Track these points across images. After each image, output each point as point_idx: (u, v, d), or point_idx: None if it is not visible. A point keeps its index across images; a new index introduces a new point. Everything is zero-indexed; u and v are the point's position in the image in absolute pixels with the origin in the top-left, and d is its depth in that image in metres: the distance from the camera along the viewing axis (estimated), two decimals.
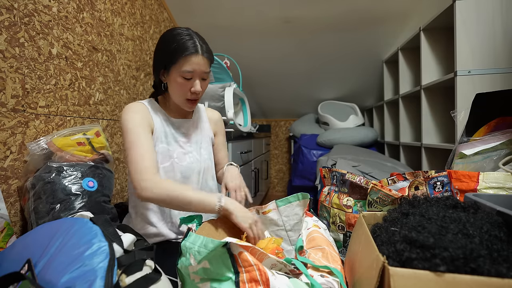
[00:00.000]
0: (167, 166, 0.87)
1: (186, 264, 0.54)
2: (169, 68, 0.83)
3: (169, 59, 0.81)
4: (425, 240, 0.46)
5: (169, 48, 0.81)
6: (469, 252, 0.43)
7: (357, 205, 0.93)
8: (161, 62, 0.85)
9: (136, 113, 0.83)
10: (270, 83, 2.70)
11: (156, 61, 0.87)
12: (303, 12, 1.86)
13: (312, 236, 0.69)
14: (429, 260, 0.44)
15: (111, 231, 0.54)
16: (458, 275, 0.41)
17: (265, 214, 0.88)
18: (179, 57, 0.80)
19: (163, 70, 0.85)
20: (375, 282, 0.45)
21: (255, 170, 2.15)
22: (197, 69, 0.82)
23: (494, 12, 1.21)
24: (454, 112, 1.17)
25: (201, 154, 0.95)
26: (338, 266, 0.61)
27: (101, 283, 0.42)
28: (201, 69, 0.83)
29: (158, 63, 0.86)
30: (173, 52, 0.80)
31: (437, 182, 0.83)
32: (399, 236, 0.51)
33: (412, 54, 1.95)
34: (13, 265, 0.51)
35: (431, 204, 0.63)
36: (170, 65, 0.82)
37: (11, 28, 0.82)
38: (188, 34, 0.82)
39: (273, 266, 0.56)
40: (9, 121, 0.82)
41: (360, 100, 2.85)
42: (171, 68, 0.82)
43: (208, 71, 0.86)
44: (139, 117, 0.83)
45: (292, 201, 0.87)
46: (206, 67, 0.84)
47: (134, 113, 0.83)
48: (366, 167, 1.55)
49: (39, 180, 0.84)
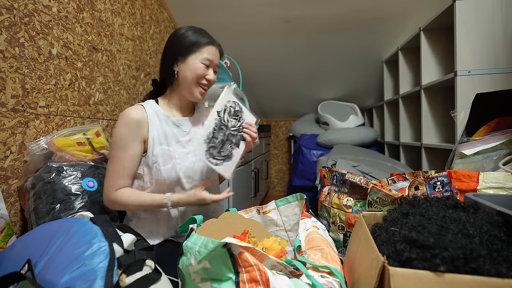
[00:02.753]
0: (169, 168, 0.87)
1: (187, 264, 0.54)
2: (188, 55, 0.89)
3: (191, 45, 0.89)
4: (425, 240, 0.46)
5: (191, 36, 0.89)
6: (469, 252, 0.43)
7: (357, 205, 0.93)
8: (180, 49, 0.90)
9: (125, 127, 0.85)
10: (270, 83, 2.70)
11: (172, 50, 0.92)
12: (303, 12, 1.86)
13: (311, 237, 0.69)
14: (429, 260, 0.44)
15: (111, 231, 0.54)
16: (458, 275, 0.41)
17: (266, 214, 0.88)
18: (201, 44, 0.89)
19: (181, 57, 0.90)
20: (375, 282, 0.45)
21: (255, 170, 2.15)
22: (215, 59, 0.92)
23: (494, 12, 1.21)
24: (454, 112, 1.17)
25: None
26: (337, 266, 0.61)
27: (101, 283, 0.42)
28: (216, 61, 0.93)
29: (175, 51, 0.91)
30: (196, 40, 0.89)
31: (437, 182, 0.83)
32: (399, 236, 0.51)
33: (412, 54, 1.96)
34: (13, 265, 0.51)
35: (431, 204, 0.63)
36: (192, 51, 0.89)
37: (11, 28, 0.82)
38: (202, 29, 0.94)
39: (273, 267, 0.56)
40: (9, 121, 0.82)
41: (360, 100, 2.85)
42: (192, 54, 0.89)
43: (219, 66, 0.95)
44: (126, 131, 0.84)
45: (292, 201, 0.87)
46: (218, 61, 0.94)
47: (122, 127, 0.85)
48: (366, 167, 1.55)
49: (39, 180, 0.84)
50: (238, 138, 0.89)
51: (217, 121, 0.84)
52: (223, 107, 0.85)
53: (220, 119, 0.85)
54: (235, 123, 0.88)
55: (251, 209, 0.90)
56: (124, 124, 0.85)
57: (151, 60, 1.71)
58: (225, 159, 0.86)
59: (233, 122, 0.88)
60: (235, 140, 0.89)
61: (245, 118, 0.91)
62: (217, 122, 0.84)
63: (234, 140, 0.88)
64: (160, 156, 0.87)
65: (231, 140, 0.88)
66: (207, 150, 0.83)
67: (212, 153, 0.84)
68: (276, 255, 0.64)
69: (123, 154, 0.84)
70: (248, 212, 0.89)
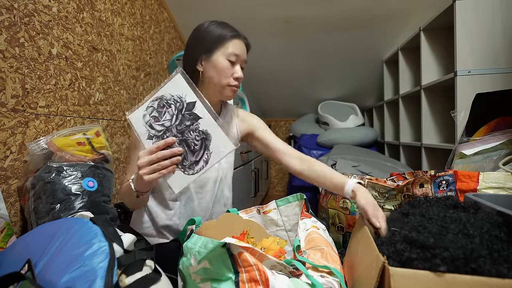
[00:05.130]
0: None
1: (187, 264, 0.54)
2: (212, 52, 0.81)
3: (215, 41, 0.80)
4: (425, 240, 0.46)
5: (214, 31, 0.81)
6: (470, 252, 0.43)
7: (353, 206, 0.93)
8: (203, 46, 0.82)
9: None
10: (270, 83, 2.70)
11: (194, 48, 0.83)
12: (303, 12, 1.86)
13: (311, 237, 0.69)
14: (430, 260, 0.44)
15: (111, 231, 0.54)
16: (458, 275, 0.41)
17: (266, 214, 0.88)
18: (226, 38, 0.80)
19: (204, 56, 0.82)
20: (375, 282, 0.45)
21: (255, 170, 2.15)
22: (242, 54, 0.83)
23: (494, 12, 1.21)
24: (454, 112, 1.17)
25: (219, 162, 0.83)
26: (337, 266, 0.61)
27: (101, 283, 0.42)
28: (244, 56, 0.84)
29: (198, 49, 0.82)
30: (220, 34, 0.80)
31: (443, 181, 0.83)
32: (399, 236, 0.51)
33: (412, 54, 1.95)
34: (13, 265, 0.51)
35: (431, 204, 0.63)
36: (216, 47, 0.80)
37: (11, 28, 0.82)
38: (228, 24, 0.84)
39: (273, 267, 0.56)
40: (9, 121, 0.82)
41: (360, 100, 2.85)
42: (216, 51, 0.80)
43: (246, 61, 0.86)
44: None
45: (292, 201, 0.87)
46: (246, 55, 0.85)
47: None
48: (366, 167, 1.55)
49: (39, 180, 0.84)
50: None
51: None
52: (169, 96, 0.66)
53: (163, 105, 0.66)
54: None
55: (251, 209, 0.90)
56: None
57: (151, 60, 1.71)
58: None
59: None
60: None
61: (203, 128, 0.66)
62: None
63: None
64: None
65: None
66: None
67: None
68: (275, 255, 0.64)
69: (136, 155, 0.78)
70: (249, 212, 0.89)
